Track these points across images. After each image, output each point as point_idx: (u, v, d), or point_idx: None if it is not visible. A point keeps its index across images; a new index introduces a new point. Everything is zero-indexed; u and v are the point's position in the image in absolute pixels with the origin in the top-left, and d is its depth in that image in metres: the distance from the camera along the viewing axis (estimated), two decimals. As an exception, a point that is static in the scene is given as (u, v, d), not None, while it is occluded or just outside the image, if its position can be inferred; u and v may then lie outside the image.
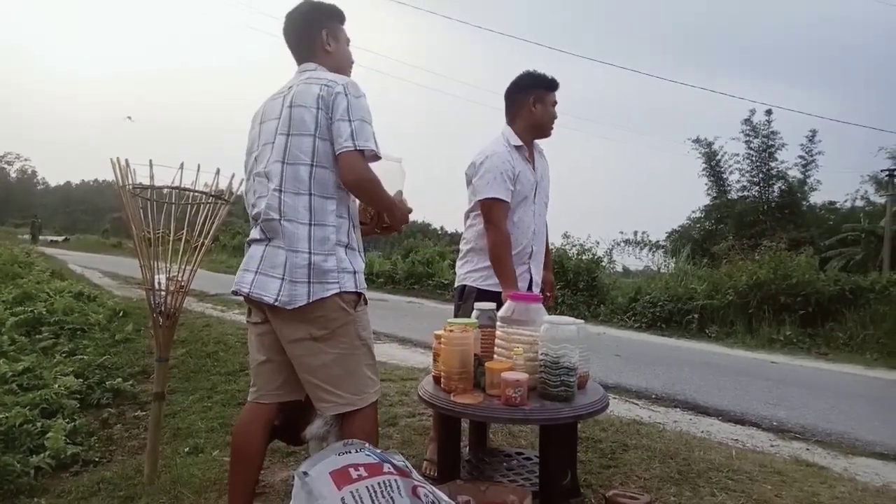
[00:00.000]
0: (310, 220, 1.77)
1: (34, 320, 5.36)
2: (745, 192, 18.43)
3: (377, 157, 1.82)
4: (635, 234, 17.54)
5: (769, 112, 17.71)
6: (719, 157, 18.50)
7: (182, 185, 2.66)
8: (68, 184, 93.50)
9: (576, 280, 11.65)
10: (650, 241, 17.75)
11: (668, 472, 2.78)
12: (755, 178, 18.13)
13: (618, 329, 9.87)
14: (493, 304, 2.32)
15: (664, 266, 15.34)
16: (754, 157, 18.00)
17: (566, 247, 12.36)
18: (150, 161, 2.60)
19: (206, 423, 3.37)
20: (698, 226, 19.52)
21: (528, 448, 2.91)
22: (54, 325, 5.38)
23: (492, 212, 2.52)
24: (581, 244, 12.48)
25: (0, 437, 2.85)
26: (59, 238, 37.35)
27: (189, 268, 2.67)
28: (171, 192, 2.68)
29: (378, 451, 1.50)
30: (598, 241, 12.95)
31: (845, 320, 8.76)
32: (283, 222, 1.76)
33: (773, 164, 17.85)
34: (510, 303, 2.16)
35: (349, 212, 1.88)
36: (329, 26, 2.01)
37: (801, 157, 17.69)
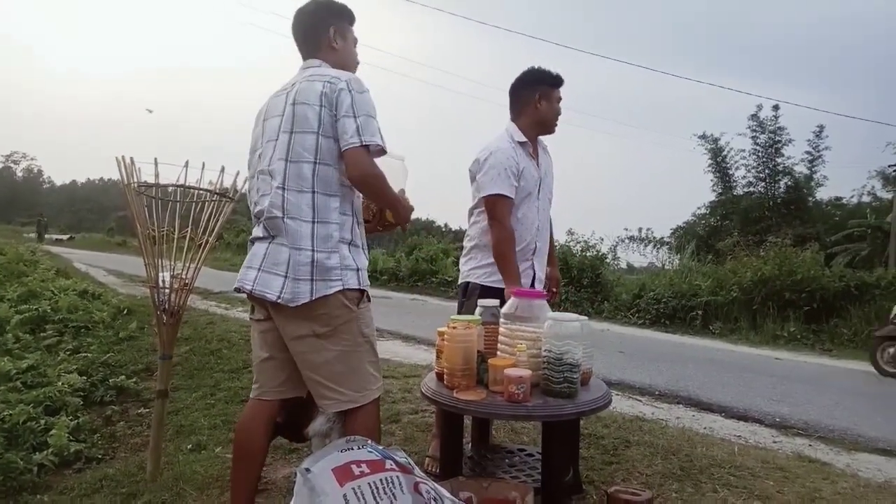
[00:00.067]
0: (313, 217, 1.77)
1: (39, 318, 5.38)
2: (751, 188, 18.35)
3: (383, 152, 1.82)
4: (640, 230, 17.55)
5: (776, 107, 17.59)
6: (725, 152, 18.41)
7: (187, 184, 2.66)
8: (74, 182, 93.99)
9: (580, 277, 11.65)
10: (654, 237, 17.76)
11: (670, 468, 2.78)
12: (761, 174, 18.03)
13: (621, 325, 9.86)
14: (496, 301, 2.33)
15: (668, 262, 15.33)
16: (760, 153, 17.90)
17: (570, 243, 12.38)
18: (156, 159, 2.60)
19: (209, 421, 3.38)
20: (703, 222, 19.43)
21: (531, 444, 2.91)
22: (59, 323, 5.39)
23: (496, 208, 2.52)
24: (585, 241, 12.51)
25: (4, 434, 2.87)
26: (65, 237, 37.53)
27: (193, 265, 2.68)
28: (176, 190, 2.68)
29: (380, 447, 1.50)
30: (603, 238, 13.01)
31: (850, 316, 8.74)
32: (286, 220, 1.76)
33: (779, 160, 17.76)
34: (514, 299, 2.16)
35: (353, 208, 1.88)
36: (338, 24, 2.00)
37: (807, 152, 17.61)
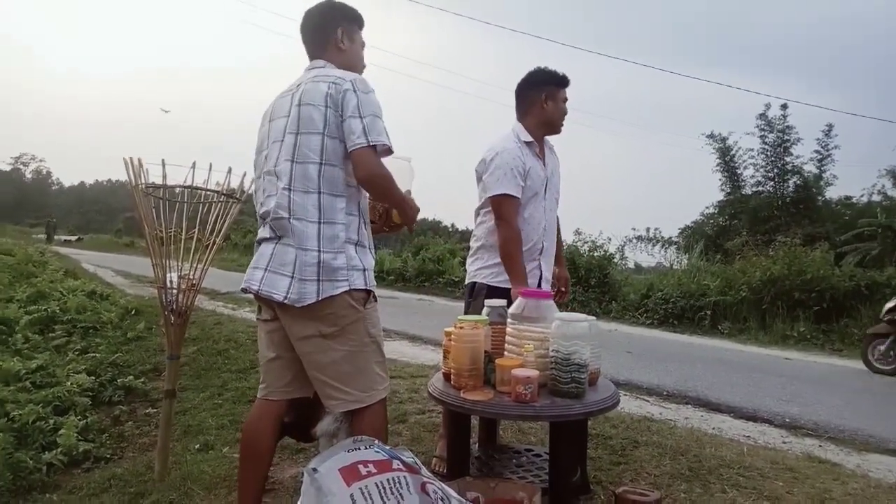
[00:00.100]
0: (319, 218, 1.77)
1: (48, 319, 5.41)
2: (760, 188, 18.17)
3: (390, 151, 1.82)
4: (647, 230, 17.41)
5: (784, 106, 17.39)
6: (733, 152, 18.27)
7: (194, 185, 2.67)
8: (82, 184, 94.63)
9: (587, 277, 11.62)
10: (662, 237, 17.61)
11: (678, 468, 2.76)
12: (770, 174, 17.87)
13: (629, 326, 9.83)
14: (503, 301, 2.32)
15: (677, 262, 15.23)
16: (769, 152, 17.72)
17: (578, 243, 12.34)
18: (163, 161, 2.61)
19: (217, 421, 3.39)
20: (711, 221, 19.28)
21: (538, 445, 2.90)
22: (67, 324, 5.42)
23: (502, 208, 2.51)
24: (593, 241, 12.46)
25: (13, 433, 2.89)
26: (73, 238, 37.79)
27: (200, 266, 2.69)
28: (183, 191, 2.69)
29: (387, 447, 1.50)
30: (610, 238, 12.92)
31: (860, 316, 8.66)
32: (292, 220, 1.76)
33: (788, 159, 17.60)
34: (521, 299, 2.15)
35: (360, 209, 1.88)
36: (346, 26, 2.01)
37: (816, 151, 17.43)
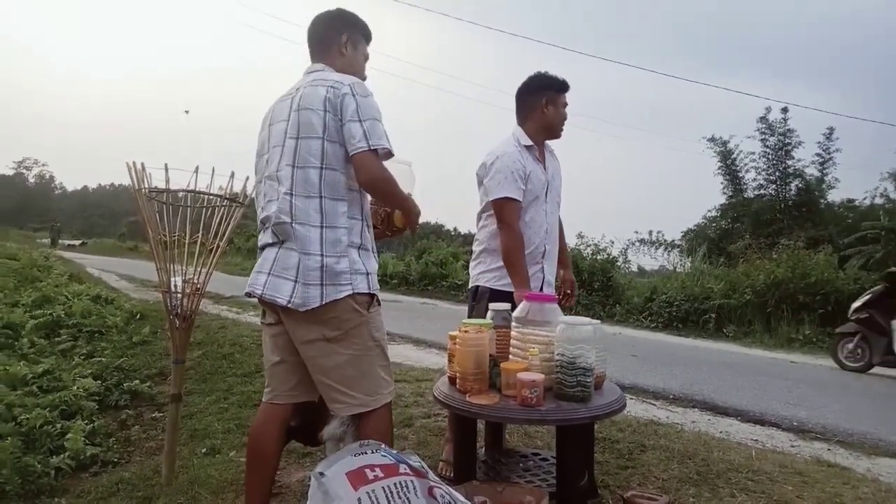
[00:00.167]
0: (321, 222, 1.77)
1: (53, 323, 5.43)
2: (762, 191, 18.15)
3: (391, 155, 1.82)
4: (650, 233, 17.35)
5: (785, 110, 17.39)
6: (735, 155, 18.25)
7: (197, 189, 2.68)
8: (85, 188, 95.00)
9: (591, 280, 11.59)
10: (665, 240, 17.55)
11: (686, 472, 2.75)
12: (772, 177, 17.85)
13: (634, 329, 9.81)
14: (507, 305, 2.31)
15: (680, 265, 15.16)
16: (770, 156, 17.72)
17: (581, 247, 12.31)
18: (166, 165, 2.61)
19: (223, 425, 3.39)
20: (714, 225, 19.25)
21: (545, 449, 2.89)
22: (73, 328, 5.44)
23: (504, 211, 2.51)
24: (596, 244, 12.44)
25: (21, 438, 2.89)
26: (77, 242, 37.94)
27: (205, 270, 2.69)
28: (187, 195, 2.69)
29: (394, 451, 1.50)
30: (613, 241, 12.90)
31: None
32: (294, 225, 1.77)
33: (789, 163, 17.58)
34: (525, 303, 2.15)
35: (362, 212, 1.88)
36: (351, 34, 2.02)
37: (818, 154, 17.42)
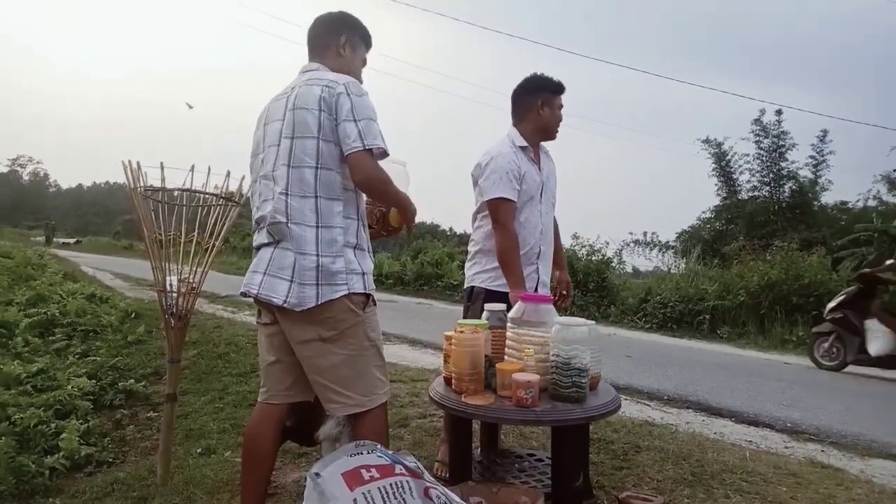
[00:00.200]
0: (317, 222, 1.77)
1: (47, 322, 5.41)
2: (756, 193, 18.23)
3: (386, 154, 1.83)
4: (645, 234, 17.41)
5: (779, 112, 17.48)
6: (729, 157, 18.34)
7: (193, 188, 2.67)
8: (80, 186, 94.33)
9: (586, 281, 11.62)
10: (660, 241, 17.62)
11: (681, 473, 2.76)
12: (766, 179, 17.93)
13: (628, 330, 9.83)
14: (503, 305, 2.32)
15: (674, 267, 15.20)
16: (764, 157, 17.79)
17: (576, 248, 12.34)
18: (161, 164, 2.61)
19: (218, 424, 3.38)
20: (708, 226, 19.31)
21: (540, 449, 2.89)
22: (67, 327, 5.42)
23: (499, 211, 2.52)
24: (590, 245, 12.48)
25: (15, 437, 2.88)
26: (72, 240, 37.74)
27: (200, 269, 2.69)
28: (182, 194, 2.69)
29: (390, 452, 1.50)
30: (608, 242, 12.94)
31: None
32: (290, 225, 1.77)
33: (783, 164, 17.67)
34: (521, 304, 2.15)
35: (358, 212, 1.88)
36: (350, 36, 2.02)
37: (811, 156, 17.52)
